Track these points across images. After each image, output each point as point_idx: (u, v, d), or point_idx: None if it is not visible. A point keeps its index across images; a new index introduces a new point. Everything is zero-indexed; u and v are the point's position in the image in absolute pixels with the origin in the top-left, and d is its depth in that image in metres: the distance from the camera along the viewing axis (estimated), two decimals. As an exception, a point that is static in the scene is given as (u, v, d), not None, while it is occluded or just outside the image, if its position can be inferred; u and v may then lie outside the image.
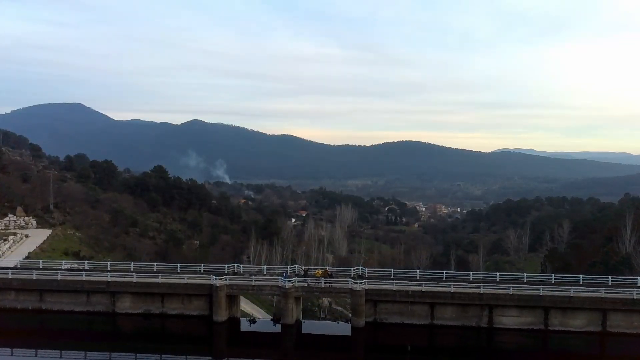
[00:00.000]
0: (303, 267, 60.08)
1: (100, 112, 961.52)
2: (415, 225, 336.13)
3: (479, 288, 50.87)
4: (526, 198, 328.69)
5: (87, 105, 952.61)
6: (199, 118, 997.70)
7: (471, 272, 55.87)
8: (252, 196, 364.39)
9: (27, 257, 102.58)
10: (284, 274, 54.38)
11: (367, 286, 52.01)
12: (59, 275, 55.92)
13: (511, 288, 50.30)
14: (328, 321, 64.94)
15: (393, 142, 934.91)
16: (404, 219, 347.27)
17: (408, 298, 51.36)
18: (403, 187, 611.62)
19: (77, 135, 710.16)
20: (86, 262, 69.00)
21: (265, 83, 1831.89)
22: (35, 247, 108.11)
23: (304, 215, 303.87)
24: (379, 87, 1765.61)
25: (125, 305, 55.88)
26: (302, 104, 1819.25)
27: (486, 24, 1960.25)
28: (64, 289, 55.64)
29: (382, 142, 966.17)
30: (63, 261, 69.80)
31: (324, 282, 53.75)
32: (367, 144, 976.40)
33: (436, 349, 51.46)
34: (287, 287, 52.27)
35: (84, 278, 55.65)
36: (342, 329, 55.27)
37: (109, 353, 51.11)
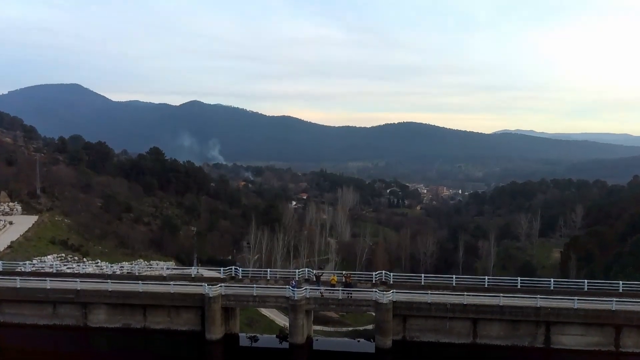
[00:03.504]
0: (315, 272, 50.04)
1: (99, 93, 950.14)
2: (418, 207, 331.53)
3: (535, 301, 41.05)
4: (531, 180, 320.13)
5: (85, 86, 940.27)
6: (198, 99, 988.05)
7: (519, 279, 45.97)
8: (252, 178, 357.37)
9: (9, 247, 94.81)
10: (292, 282, 44.48)
11: (395, 297, 42.16)
12: (18, 282, 46.06)
13: (576, 301, 40.49)
14: (346, 339, 54.88)
15: (393, 123, 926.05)
16: (406, 202, 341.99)
17: (446, 313, 41.56)
18: (404, 169, 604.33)
19: (74, 116, 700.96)
20: (54, 263, 59.16)
21: (265, 65, 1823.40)
22: (19, 236, 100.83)
23: (305, 198, 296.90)
24: (379, 68, 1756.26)
25: (100, 318, 46.02)
26: (301, 86, 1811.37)
27: (486, 5, 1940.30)
28: (25, 298, 45.89)
29: (382, 123, 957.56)
30: (27, 262, 59.88)
31: (342, 292, 43.92)
32: (368, 126, 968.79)
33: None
34: (296, 298, 42.57)
35: (48, 285, 45.70)
36: (364, 347, 45.35)
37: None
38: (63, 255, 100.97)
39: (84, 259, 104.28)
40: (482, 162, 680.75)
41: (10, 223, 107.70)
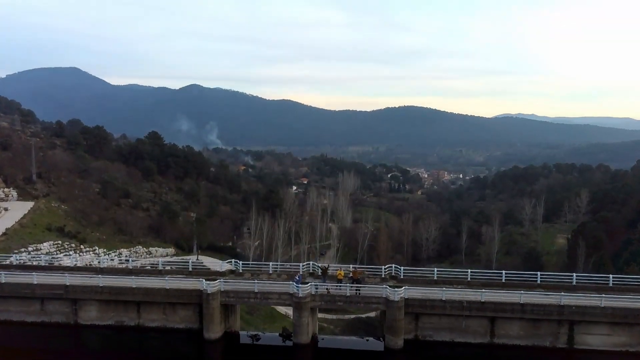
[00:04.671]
0: (320, 265, 46.96)
1: (97, 76, 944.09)
2: (419, 192, 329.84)
3: (559, 298, 38.11)
4: (533, 165, 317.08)
5: (83, 69, 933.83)
6: (198, 83, 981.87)
7: (539, 273, 42.99)
8: (252, 163, 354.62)
9: (4, 234, 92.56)
10: (297, 277, 41.45)
11: (407, 294, 39.18)
12: (3, 277, 43.05)
13: (603, 299, 37.56)
14: (353, 337, 51.83)
15: (394, 107, 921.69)
16: (407, 186, 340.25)
17: (462, 311, 38.47)
18: (405, 154, 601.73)
19: (72, 100, 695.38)
20: (43, 256, 56.18)
21: (266, 48, 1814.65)
22: (14, 222, 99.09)
23: (305, 182, 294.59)
24: (380, 52, 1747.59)
25: (91, 315, 42.97)
26: (302, 70, 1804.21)
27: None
28: (10, 294, 42.89)
29: (383, 107, 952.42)
30: (13, 254, 57.00)
31: (350, 289, 40.86)
32: (368, 110, 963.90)
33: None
34: (300, 295, 39.60)
35: (35, 280, 42.71)
36: (373, 346, 42.29)
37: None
38: (60, 242, 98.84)
39: (81, 246, 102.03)
40: (483, 147, 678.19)
41: (6, 209, 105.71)
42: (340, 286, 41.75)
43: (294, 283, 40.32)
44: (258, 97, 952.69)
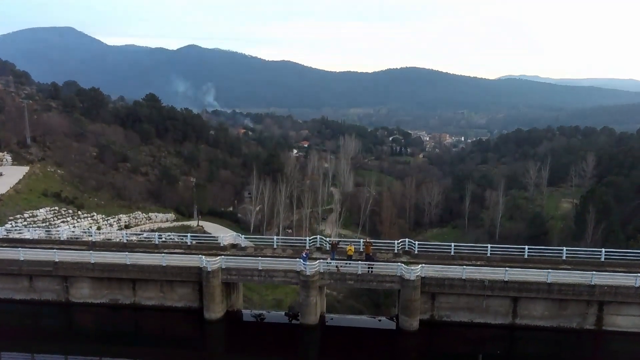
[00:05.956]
0: (329, 240, 43.91)
1: (93, 36, 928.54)
2: (420, 155, 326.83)
3: (589, 277, 35.25)
4: (536, 127, 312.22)
5: (78, 29, 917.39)
6: (196, 43, 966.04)
7: (565, 248, 40.10)
8: (252, 126, 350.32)
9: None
10: (304, 254, 38.48)
11: (423, 273, 36.42)
12: (-13, 253, 40.31)
13: (638, 279, 34.73)
14: (364, 317, 49.07)
15: (396, 68, 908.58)
16: (408, 150, 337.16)
17: (484, 290, 35.76)
18: (406, 116, 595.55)
19: (68, 61, 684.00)
20: (31, 229, 53.17)
21: (265, 5, 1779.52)
22: (8, 188, 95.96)
23: (306, 146, 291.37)
24: (382, 11, 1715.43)
25: (83, 292, 40.18)
26: (302, 28, 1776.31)
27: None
28: (-4, 271, 40.20)
29: (384, 68, 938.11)
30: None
31: (362, 266, 37.93)
32: (369, 71, 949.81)
33: (520, 359, 36.81)
34: (308, 274, 36.80)
35: (21, 256, 39.88)
36: (385, 326, 39.67)
37: (63, 357, 36.76)
38: (56, 208, 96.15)
39: (79, 212, 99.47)
40: (485, 109, 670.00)
41: (0, 174, 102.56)
42: (350, 263, 38.85)
43: (301, 260, 37.43)
44: (257, 57, 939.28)
